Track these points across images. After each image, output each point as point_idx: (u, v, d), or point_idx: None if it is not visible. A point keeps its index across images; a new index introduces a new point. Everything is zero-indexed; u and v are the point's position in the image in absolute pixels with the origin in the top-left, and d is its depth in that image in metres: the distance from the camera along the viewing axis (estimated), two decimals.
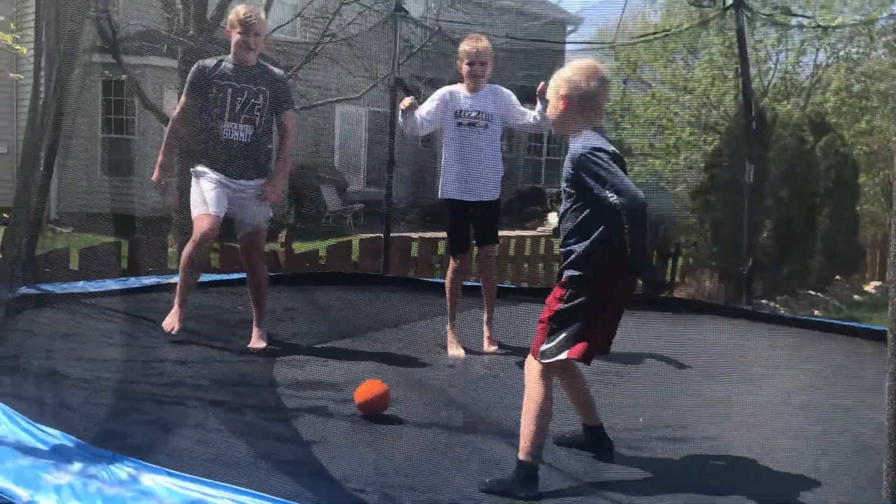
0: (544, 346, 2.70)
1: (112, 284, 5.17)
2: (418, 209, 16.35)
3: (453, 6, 10.11)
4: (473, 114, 4.53)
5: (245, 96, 4.23)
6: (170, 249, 7.72)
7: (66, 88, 5.53)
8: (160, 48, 11.72)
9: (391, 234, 7.55)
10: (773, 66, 13.99)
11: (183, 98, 4.36)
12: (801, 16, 11.52)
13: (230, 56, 4.29)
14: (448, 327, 4.63)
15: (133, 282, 5.38)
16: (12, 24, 9.18)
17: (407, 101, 4.43)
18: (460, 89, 4.60)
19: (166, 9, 10.40)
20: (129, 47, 11.82)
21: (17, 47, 8.10)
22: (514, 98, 4.64)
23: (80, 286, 5.11)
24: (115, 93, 14.30)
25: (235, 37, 4.23)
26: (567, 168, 2.73)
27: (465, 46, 4.55)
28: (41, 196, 5.50)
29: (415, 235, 9.01)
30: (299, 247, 8.15)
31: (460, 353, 4.54)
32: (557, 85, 2.82)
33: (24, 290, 4.67)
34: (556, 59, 14.39)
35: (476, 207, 4.58)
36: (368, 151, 17.97)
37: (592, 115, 2.80)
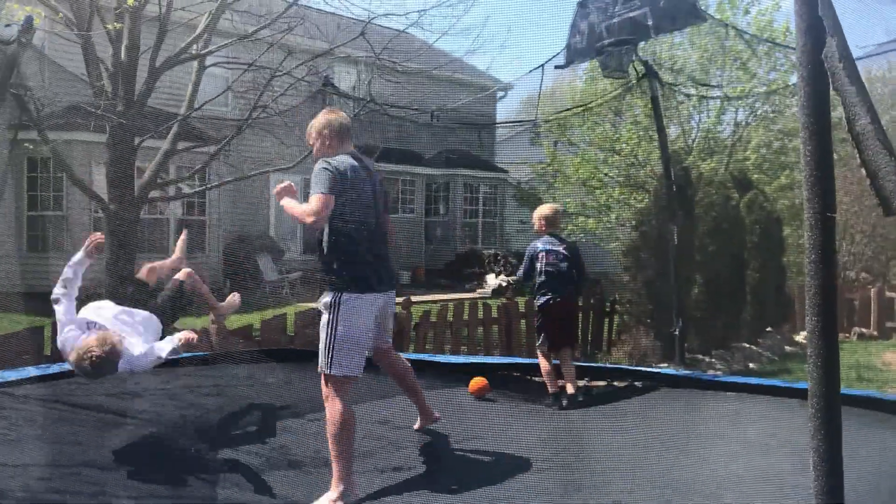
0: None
1: (33, 371, 4.95)
2: None
3: (383, 77, 10.25)
4: None
5: None
6: None
7: None
8: (87, 123, 11.56)
9: None
10: (695, 126, 14.51)
11: None
12: (709, 85, 12.02)
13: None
14: None
15: (55, 369, 5.17)
16: None
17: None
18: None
19: (94, 85, 10.31)
20: (55, 123, 11.65)
21: None
22: None
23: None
24: (41, 169, 14.03)
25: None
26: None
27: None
28: None
29: None
30: (233, 321, 7.98)
31: None
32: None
33: None
34: (487, 126, 14.73)
35: None
36: None
37: None
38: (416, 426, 4.57)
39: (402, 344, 8.36)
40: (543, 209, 6.21)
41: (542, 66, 6.44)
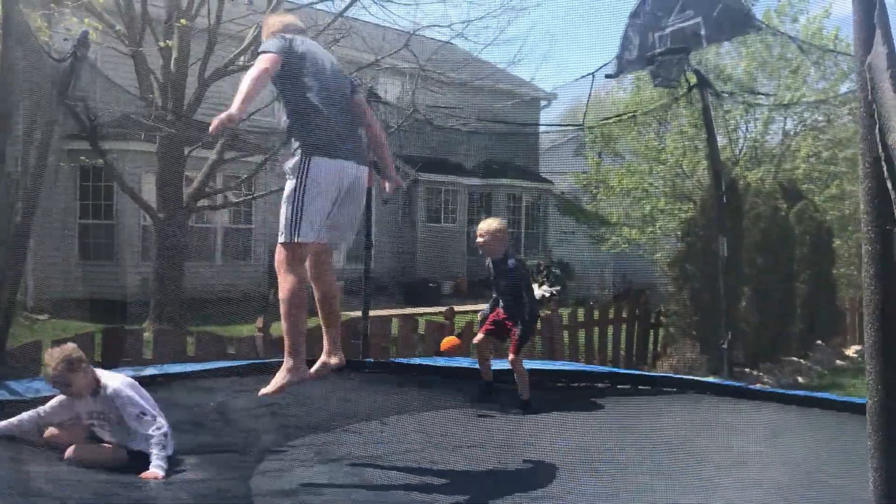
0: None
1: None
2: (398, 284, 16.34)
3: (427, 87, 10.31)
4: None
5: None
6: (145, 335, 7.61)
7: (39, 174, 5.54)
8: (138, 133, 11.81)
9: (370, 314, 7.48)
10: (742, 135, 14.31)
11: None
12: (760, 93, 11.85)
13: None
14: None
15: None
16: None
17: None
18: None
19: (144, 96, 10.55)
20: (107, 132, 11.91)
21: None
22: None
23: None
24: (93, 178, 14.35)
25: None
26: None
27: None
28: (14, 283, 5.44)
29: (394, 313, 8.98)
30: (279, 329, 8.06)
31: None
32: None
33: None
34: (530, 136, 14.74)
35: None
36: None
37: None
38: (311, 370, 3.99)
39: None
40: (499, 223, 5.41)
41: (593, 73, 6.40)
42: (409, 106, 9.26)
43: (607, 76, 6.41)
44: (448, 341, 5.66)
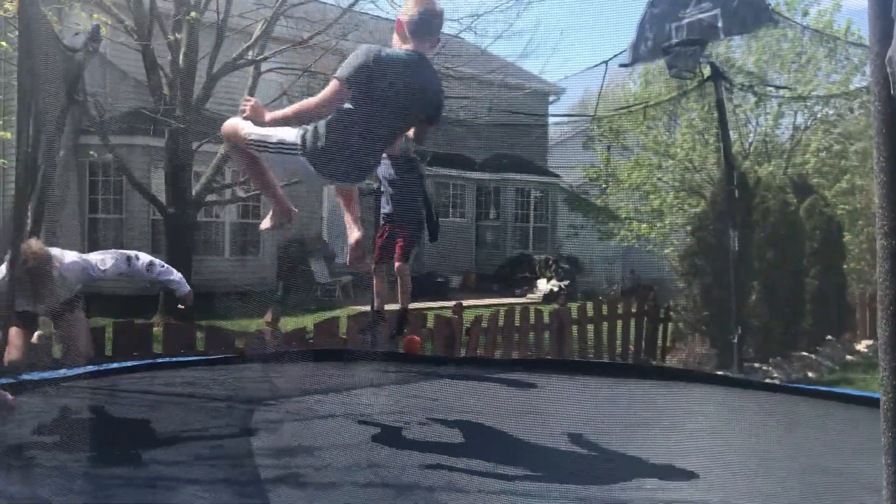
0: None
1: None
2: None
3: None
4: None
5: None
6: (155, 330, 7.63)
7: (49, 169, 5.56)
8: (147, 128, 11.83)
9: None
10: (752, 129, 14.24)
11: None
12: (777, 86, 11.78)
13: None
14: None
15: (115, 367, 5.27)
16: None
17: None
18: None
19: (153, 91, 10.56)
20: (116, 127, 11.94)
21: (1, 133, 8.16)
22: None
23: (62, 373, 4.99)
24: (102, 172, 14.38)
25: None
26: None
27: None
28: None
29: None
30: (287, 323, 8.09)
31: None
32: None
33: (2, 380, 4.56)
34: (539, 130, 14.72)
35: None
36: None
37: None
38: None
39: (453, 349, 8.37)
40: None
41: (606, 62, 6.36)
42: None
43: (621, 65, 6.36)
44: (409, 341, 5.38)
